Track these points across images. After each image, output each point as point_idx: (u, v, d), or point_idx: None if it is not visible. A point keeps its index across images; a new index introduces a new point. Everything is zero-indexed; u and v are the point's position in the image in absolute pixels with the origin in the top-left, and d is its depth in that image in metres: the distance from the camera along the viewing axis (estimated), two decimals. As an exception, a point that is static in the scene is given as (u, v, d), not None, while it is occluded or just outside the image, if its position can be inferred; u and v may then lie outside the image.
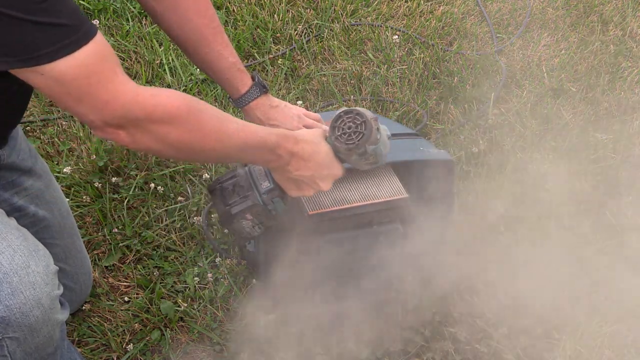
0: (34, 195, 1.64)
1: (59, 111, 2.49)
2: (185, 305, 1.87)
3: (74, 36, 1.13)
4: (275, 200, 1.48)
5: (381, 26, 2.89)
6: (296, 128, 1.62)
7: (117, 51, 2.71)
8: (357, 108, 1.46)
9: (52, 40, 1.11)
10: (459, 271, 1.92)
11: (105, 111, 1.17)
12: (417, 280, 1.86)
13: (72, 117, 2.43)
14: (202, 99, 2.50)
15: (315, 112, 2.16)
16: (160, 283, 1.95)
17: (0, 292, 1.29)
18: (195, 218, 2.11)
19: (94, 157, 2.26)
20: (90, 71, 1.14)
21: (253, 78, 1.63)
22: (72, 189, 2.17)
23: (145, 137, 1.22)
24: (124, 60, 2.69)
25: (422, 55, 2.72)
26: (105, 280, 1.97)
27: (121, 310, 1.89)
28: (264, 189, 1.46)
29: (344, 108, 1.47)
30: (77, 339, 1.84)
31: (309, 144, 1.43)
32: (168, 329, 1.85)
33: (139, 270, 1.99)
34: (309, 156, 1.42)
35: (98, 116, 1.18)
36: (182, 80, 2.60)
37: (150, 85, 2.59)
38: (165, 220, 2.12)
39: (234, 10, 2.94)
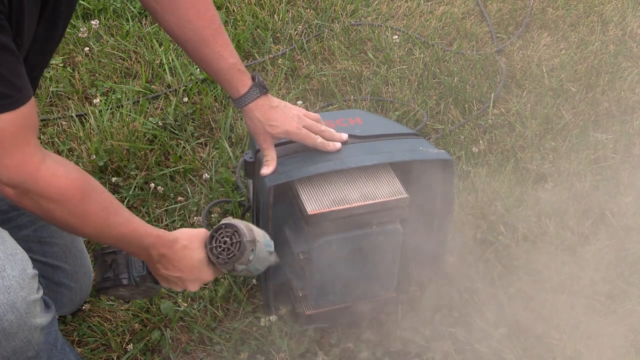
0: (33, 194, 1.64)
1: (59, 111, 2.49)
2: (185, 305, 1.87)
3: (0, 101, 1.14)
4: (148, 284, 1.51)
5: (381, 26, 2.89)
6: (296, 129, 1.62)
7: (117, 51, 2.72)
8: (239, 225, 1.46)
9: None
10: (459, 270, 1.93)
11: (3, 173, 1.20)
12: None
13: (72, 117, 2.44)
14: (202, 99, 2.51)
15: (315, 112, 2.17)
16: (160, 283, 1.95)
17: None
18: (195, 218, 2.11)
19: (94, 157, 2.26)
20: (3, 135, 1.16)
21: (253, 78, 1.63)
22: (72, 188, 2.17)
23: (30, 204, 1.24)
24: (123, 60, 2.69)
25: (422, 55, 2.72)
26: (105, 280, 1.97)
27: (121, 310, 1.89)
28: (137, 273, 1.49)
29: (227, 220, 1.47)
30: (77, 339, 1.84)
31: (183, 249, 1.44)
32: (168, 329, 1.85)
33: (139, 270, 1.99)
34: (178, 261, 1.44)
35: None
36: (182, 80, 2.60)
37: (151, 85, 2.59)
38: (165, 220, 2.12)
39: (234, 10, 2.94)
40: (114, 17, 2.88)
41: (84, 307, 1.89)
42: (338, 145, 1.66)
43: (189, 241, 1.45)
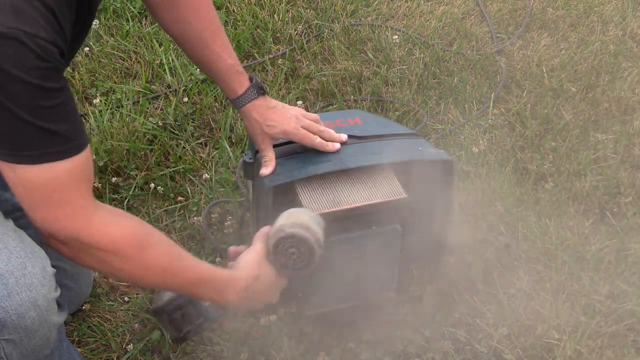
0: (34, 195, 1.64)
1: (59, 111, 2.49)
2: (185, 305, 1.87)
3: (60, 147, 1.13)
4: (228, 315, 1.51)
5: (381, 26, 2.89)
6: (294, 129, 1.62)
7: (117, 51, 2.72)
8: (298, 231, 1.43)
9: (41, 145, 1.12)
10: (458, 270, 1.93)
11: (54, 226, 1.19)
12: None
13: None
14: (202, 99, 2.51)
15: (315, 112, 2.17)
16: (160, 283, 1.95)
17: None
18: (195, 218, 2.11)
19: (94, 157, 2.26)
20: (57, 186, 1.15)
21: (251, 79, 1.64)
22: (72, 189, 2.17)
23: (87, 258, 1.24)
24: (123, 60, 2.69)
25: (422, 55, 2.72)
26: (105, 280, 1.97)
27: (121, 310, 1.89)
28: (215, 315, 1.47)
29: (284, 231, 1.44)
30: (77, 339, 1.84)
31: (257, 281, 1.44)
32: (168, 329, 1.85)
33: (139, 271, 1.99)
34: (259, 293, 1.45)
35: (46, 227, 1.20)
36: (182, 80, 2.60)
37: (151, 85, 2.59)
38: (165, 220, 2.12)
39: (234, 10, 2.94)
40: (114, 17, 2.88)
41: (83, 307, 1.89)
42: (337, 145, 1.66)
43: (259, 268, 1.45)
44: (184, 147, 2.35)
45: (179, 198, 2.18)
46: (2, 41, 1.02)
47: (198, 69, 2.60)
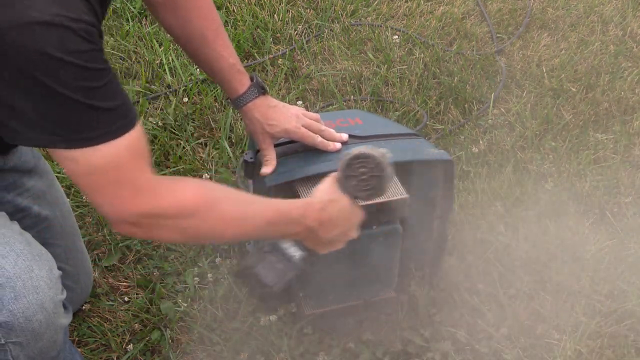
0: (37, 196, 1.64)
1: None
2: (185, 305, 1.87)
3: (119, 123, 1.13)
4: (308, 260, 1.46)
5: (381, 26, 2.89)
6: (295, 127, 1.62)
7: (117, 51, 2.72)
8: (364, 150, 1.43)
9: (102, 124, 1.12)
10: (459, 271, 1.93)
11: (122, 208, 1.18)
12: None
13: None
14: (202, 99, 2.51)
15: (315, 112, 2.17)
16: (160, 283, 1.95)
17: (3, 297, 1.28)
18: (195, 218, 2.11)
19: (94, 157, 2.26)
20: (120, 164, 1.15)
21: (252, 79, 1.64)
22: (73, 188, 2.18)
23: (163, 232, 1.23)
24: (123, 60, 2.69)
25: (422, 55, 2.72)
26: (105, 280, 1.97)
27: (121, 310, 1.89)
28: (298, 258, 1.43)
29: (351, 153, 1.43)
30: (77, 339, 1.84)
31: (332, 204, 1.42)
32: (168, 329, 1.85)
33: (139, 270, 1.99)
34: (336, 217, 1.42)
35: (115, 211, 1.19)
36: (182, 80, 2.60)
37: (151, 85, 2.59)
38: (165, 220, 2.12)
39: (234, 10, 2.95)
40: (114, 17, 2.88)
41: (83, 307, 1.89)
42: (338, 145, 1.66)
43: (332, 193, 1.43)
44: (184, 147, 2.35)
45: (179, 198, 2.18)
46: (47, 28, 1.03)
47: (198, 69, 2.60)
